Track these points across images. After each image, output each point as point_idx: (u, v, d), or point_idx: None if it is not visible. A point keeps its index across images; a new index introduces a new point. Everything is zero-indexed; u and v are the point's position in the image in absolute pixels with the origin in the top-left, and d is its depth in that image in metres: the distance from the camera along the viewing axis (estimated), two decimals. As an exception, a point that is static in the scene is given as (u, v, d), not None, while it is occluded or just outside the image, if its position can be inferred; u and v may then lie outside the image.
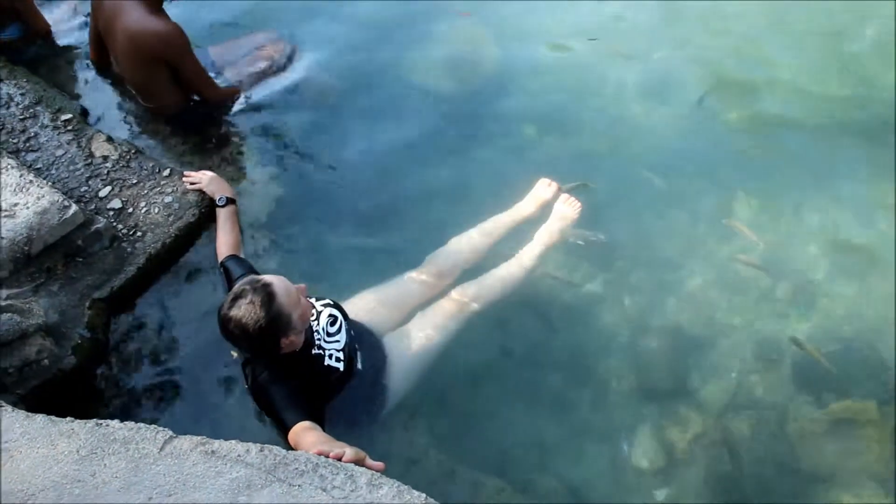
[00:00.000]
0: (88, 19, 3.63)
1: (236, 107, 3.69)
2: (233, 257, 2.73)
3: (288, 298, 2.21)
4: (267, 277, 2.23)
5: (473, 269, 3.11)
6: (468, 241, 3.17)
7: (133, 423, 1.94)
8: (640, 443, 2.82)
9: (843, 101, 4.04)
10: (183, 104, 3.50)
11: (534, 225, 3.31)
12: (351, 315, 2.65)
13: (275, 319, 2.17)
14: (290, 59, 4.01)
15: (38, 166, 3.03)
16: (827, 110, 3.97)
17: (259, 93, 3.78)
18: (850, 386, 2.99)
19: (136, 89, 3.48)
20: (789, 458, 2.79)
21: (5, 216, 2.57)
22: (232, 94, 3.67)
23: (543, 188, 3.39)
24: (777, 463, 2.78)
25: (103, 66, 3.65)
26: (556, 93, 4.08)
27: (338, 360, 2.42)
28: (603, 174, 3.63)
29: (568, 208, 3.29)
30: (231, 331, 2.17)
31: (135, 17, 3.15)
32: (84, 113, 3.33)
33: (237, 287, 2.22)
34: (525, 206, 3.35)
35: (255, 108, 3.71)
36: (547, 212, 3.34)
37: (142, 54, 3.22)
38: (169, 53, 3.23)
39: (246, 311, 2.14)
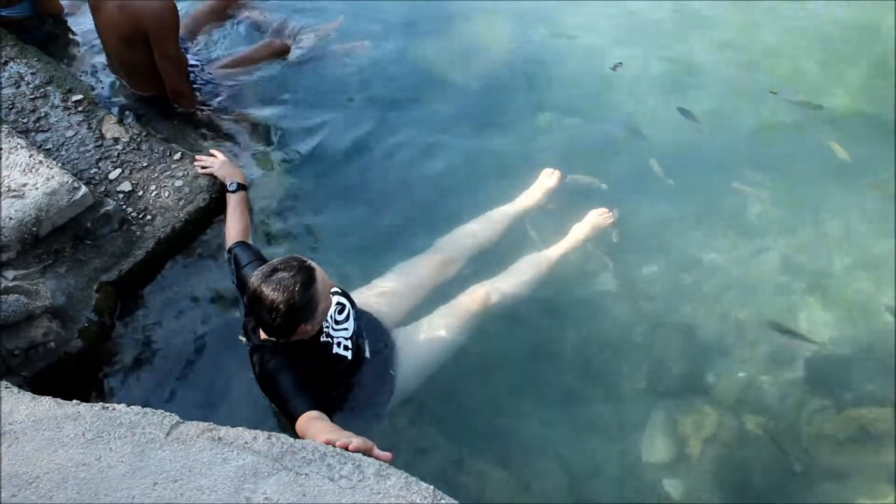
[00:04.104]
0: None
1: (250, 93, 3.66)
2: (241, 243, 2.70)
3: (323, 286, 2.20)
4: (310, 261, 2.20)
5: (479, 258, 3.11)
6: (474, 230, 3.17)
7: (140, 407, 1.93)
8: (651, 439, 2.79)
9: (866, 100, 3.98)
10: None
11: (538, 214, 3.33)
12: (358, 303, 2.63)
13: (308, 303, 2.14)
14: (302, 48, 3.99)
15: (48, 147, 3.00)
16: (849, 109, 3.92)
17: (272, 80, 3.75)
18: (864, 386, 2.96)
19: (123, 71, 3.35)
20: (801, 458, 2.76)
21: (14, 196, 2.55)
22: (191, 95, 3.43)
23: (547, 177, 3.41)
24: (787, 463, 2.75)
25: None
26: (570, 85, 4.04)
27: (346, 348, 2.40)
28: (617, 167, 3.60)
29: (600, 220, 3.27)
30: (261, 300, 2.11)
31: None
32: (95, 94, 3.30)
33: (278, 261, 2.17)
34: (529, 196, 3.37)
35: (269, 95, 3.69)
36: (550, 200, 3.37)
37: (127, 30, 3.08)
38: (152, 27, 3.05)
39: (284, 286, 2.10)
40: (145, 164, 3.02)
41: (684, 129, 3.79)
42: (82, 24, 3.76)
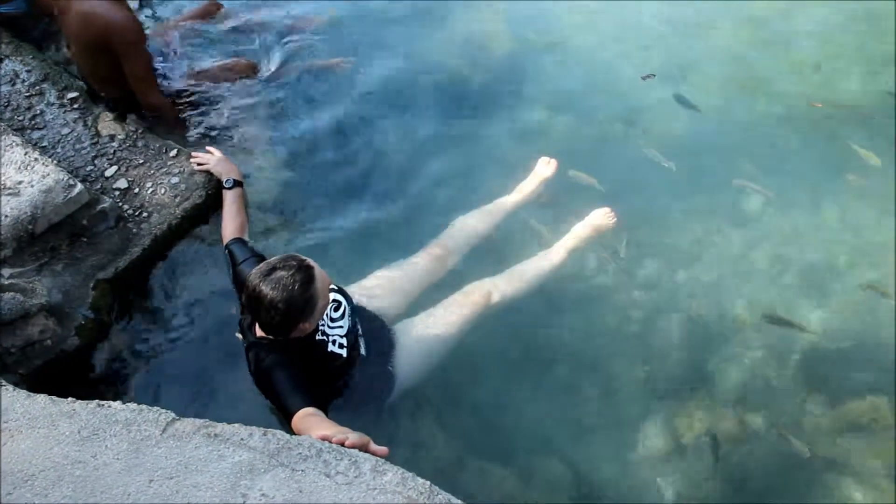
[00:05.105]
0: None
1: (244, 90, 3.64)
2: (237, 240, 2.70)
3: (322, 285, 2.19)
4: (309, 259, 2.19)
5: (477, 251, 3.11)
6: (472, 223, 3.17)
7: (135, 404, 1.93)
8: (649, 433, 2.79)
9: (866, 93, 3.97)
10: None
11: (540, 210, 3.33)
12: (355, 299, 2.62)
13: (307, 302, 2.14)
14: (299, 42, 3.98)
15: (44, 144, 3.00)
16: (848, 101, 3.90)
17: (268, 76, 3.74)
18: (862, 381, 2.95)
19: (87, 77, 3.30)
20: (798, 453, 2.75)
21: (10, 194, 2.55)
22: (168, 106, 3.35)
23: (543, 166, 3.42)
24: (787, 457, 2.75)
25: None
26: (568, 77, 4.04)
27: (341, 346, 2.39)
28: (615, 161, 3.60)
29: (603, 219, 3.25)
30: (260, 299, 2.11)
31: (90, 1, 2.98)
32: (90, 91, 3.30)
33: (276, 259, 2.16)
34: (526, 186, 3.37)
35: (264, 91, 3.67)
36: (547, 190, 3.37)
37: (89, 40, 3.05)
38: (116, 43, 3.02)
39: (283, 285, 2.09)
40: (141, 161, 3.02)
41: (684, 123, 3.79)
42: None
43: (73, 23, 3.06)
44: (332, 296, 2.46)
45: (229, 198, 2.86)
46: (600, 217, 3.25)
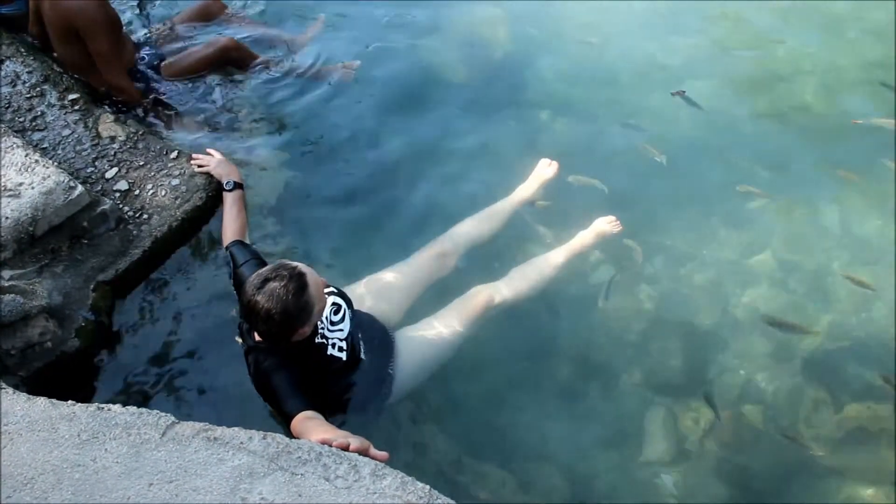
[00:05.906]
0: None
1: (246, 91, 3.64)
2: (238, 242, 2.69)
3: (316, 290, 2.19)
4: (301, 265, 2.19)
5: (477, 252, 3.11)
6: (472, 224, 3.17)
7: (135, 407, 1.93)
8: (649, 436, 2.79)
9: (865, 94, 3.97)
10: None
11: (543, 213, 3.33)
12: (355, 302, 2.62)
13: (302, 309, 2.14)
14: (301, 43, 3.98)
15: (45, 146, 3.00)
16: (848, 103, 3.90)
17: (270, 76, 3.74)
18: (862, 384, 2.95)
19: (66, 63, 3.32)
20: (799, 456, 2.75)
21: (10, 196, 2.55)
22: (131, 89, 3.35)
23: (544, 168, 3.42)
24: (788, 458, 2.75)
25: (43, 42, 3.46)
26: (571, 80, 4.03)
27: (340, 349, 2.39)
28: (616, 164, 3.59)
29: (608, 227, 3.24)
30: (256, 311, 2.11)
31: None
32: (91, 93, 3.29)
33: (268, 270, 2.16)
34: (527, 187, 3.37)
35: (266, 92, 3.68)
36: (547, 192, 3.37)
37: (60, 23, 3.10)
38: (80, 23, 3.06)
39: (277, 295, 2.09)
40: (142, 163, 3.02)
41: (685, 125, 3.78)
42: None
43: (48, 15, 3.12)
44: (332, 299, 2.46)
45: (230, 200, 2.86)
46: (605, 225, 3.24)
